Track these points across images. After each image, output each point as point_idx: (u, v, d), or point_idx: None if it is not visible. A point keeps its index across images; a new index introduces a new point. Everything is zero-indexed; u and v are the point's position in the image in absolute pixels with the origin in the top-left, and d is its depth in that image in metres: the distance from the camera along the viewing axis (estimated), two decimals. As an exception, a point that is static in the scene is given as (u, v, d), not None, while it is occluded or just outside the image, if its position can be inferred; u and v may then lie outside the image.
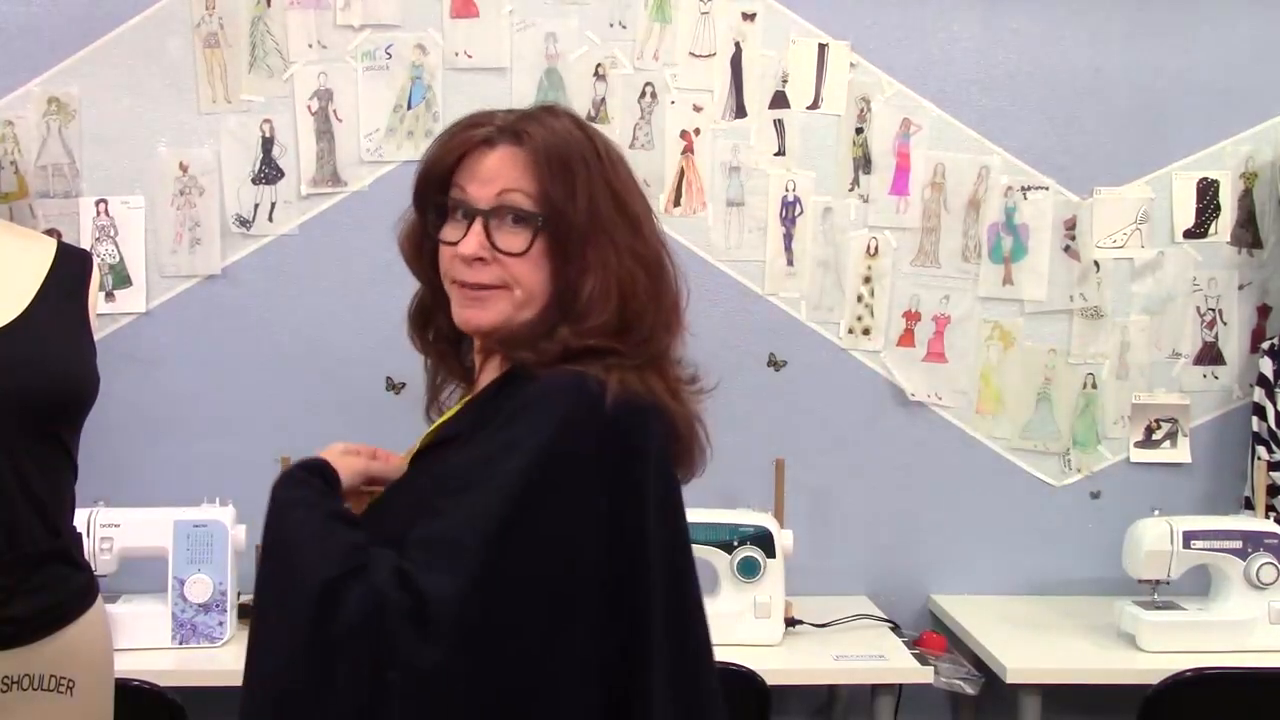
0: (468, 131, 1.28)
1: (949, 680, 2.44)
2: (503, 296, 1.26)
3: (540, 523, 1.14)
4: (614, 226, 1.26)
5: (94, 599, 1.73)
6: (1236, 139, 2.85)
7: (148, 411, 2.68)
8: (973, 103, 2.80)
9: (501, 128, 1.27)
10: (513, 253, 1.24)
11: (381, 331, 2.72)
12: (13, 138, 2.63)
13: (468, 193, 1.27)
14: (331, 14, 2.67)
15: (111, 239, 2.66)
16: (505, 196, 1.25)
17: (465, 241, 1.25)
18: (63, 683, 1.65)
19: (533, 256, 1.24)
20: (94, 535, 2.32)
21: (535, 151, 1.25)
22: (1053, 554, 2.87)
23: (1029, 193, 2.82)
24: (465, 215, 1.27)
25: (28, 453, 1.61)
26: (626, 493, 1.18)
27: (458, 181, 1.29)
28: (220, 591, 2.38)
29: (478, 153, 1.27)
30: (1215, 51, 2.82)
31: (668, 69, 2.73)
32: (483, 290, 1.26)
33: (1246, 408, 2.84)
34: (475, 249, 1.25)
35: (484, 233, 1.25)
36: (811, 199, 2.79)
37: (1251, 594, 2.50)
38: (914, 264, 2.81)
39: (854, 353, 2.82)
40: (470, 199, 1.26)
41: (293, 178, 2.70)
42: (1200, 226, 2.86)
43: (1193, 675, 2.20)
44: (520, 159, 1.25)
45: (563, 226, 1.24)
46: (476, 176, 1.27)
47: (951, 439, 2.84)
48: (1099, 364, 2.86)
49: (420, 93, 2.70)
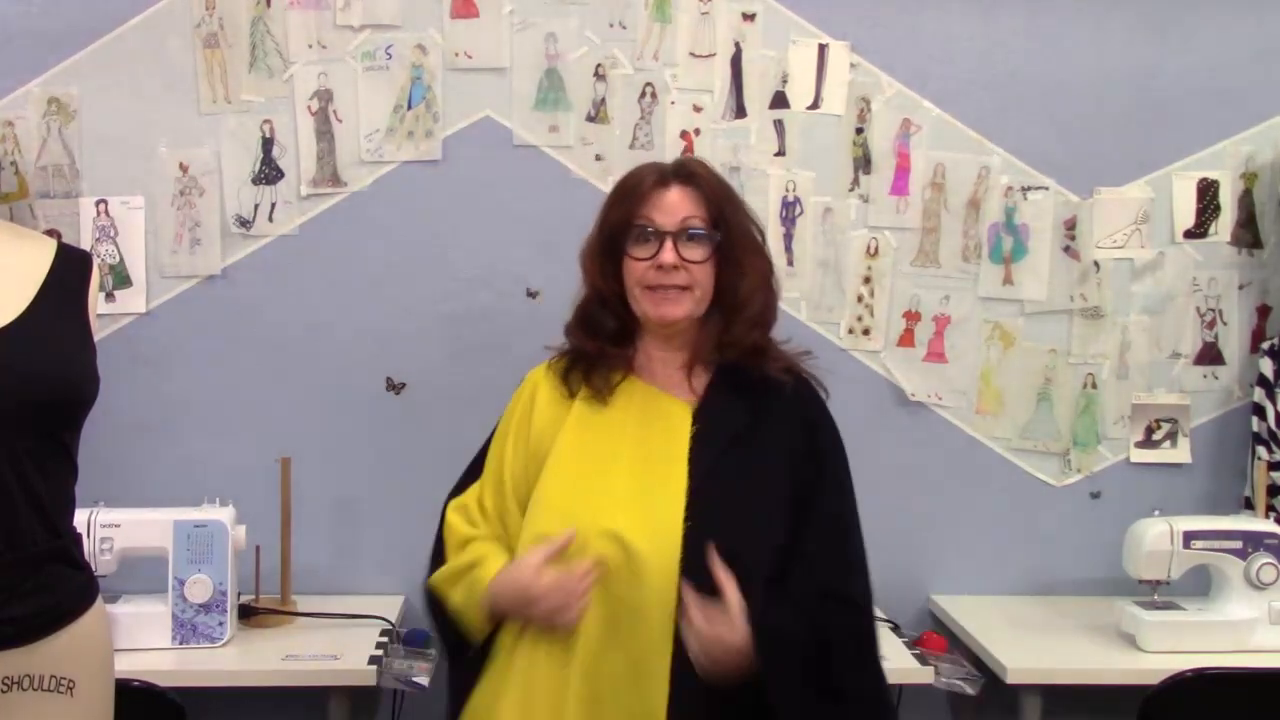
0: (643, 173, 1.77)
1: (949, 680, 2.44)
2: (688, 296, 1.72)
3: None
4: (754, 244, 1.77)
5: (94, 599, 1.73)
6: (1236, 139, 2.85)
7: (148, 411, 2.68)
8: (973, 103, 2.80)
9: (674, 172, 1.75)
10: (696, 261, 1.71)
11: (381, 331, 2.73)
12: (13, 138, 2.64)
13: (654, 220, 1.71)
14: (331, 14, 2.67)
15: (111, 239, 2.66)
16: (688, 221, 1.72)
17: (664, 253, 1.70)
18: (63, 683, 1.65)
19: (708, 265, 1.72)
20: (94, 535, 2.32)
21: (704, 189, 1.74)
22: (1053, 554, 2.87)
23: (1029, 193, 2.82)
24: (655, 236, 1.71)
25: (28, 453, 1.61)
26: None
27: (643, 213, 1.72)
28: (220, 592, 2.38)
29: (656, 191, 1.73)
30: (1215, 51, 2.82)
31: (668, 69, 2.74)
32: (675, 291, 1.71)
33: (1246, 408, 2.84)
34: (672, 258, 1.69)
35: (674, 248, 1.70)
36: (811, 199, 2.79)
37: (1251, 594, 2.51)
38: (914, 264, 2.82)
39: (854, 353, 2.82)
40: (659, 224, 1.71)
41: (293, 178, 2.70)
42: (1200, 226, 2.86)
43: (1193, 675, 2.20)
44: (693, 194, 1.74)
45: (726, 243, 1.73)
46: (660, 208, 1.72)
47: (951, 439, 2.84)
48: (1099, 364, 2.86)
49: (420, 93, 2.70)
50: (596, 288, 1.78)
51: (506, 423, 1.83)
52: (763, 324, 1.76)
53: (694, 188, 1.74)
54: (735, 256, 1.73)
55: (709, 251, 1.72)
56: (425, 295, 2.73)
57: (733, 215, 1.75)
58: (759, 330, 1.75)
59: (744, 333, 1.73)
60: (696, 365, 1.76)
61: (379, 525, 2.73)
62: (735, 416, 1.71)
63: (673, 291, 1.70)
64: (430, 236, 2.72)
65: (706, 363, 1.76)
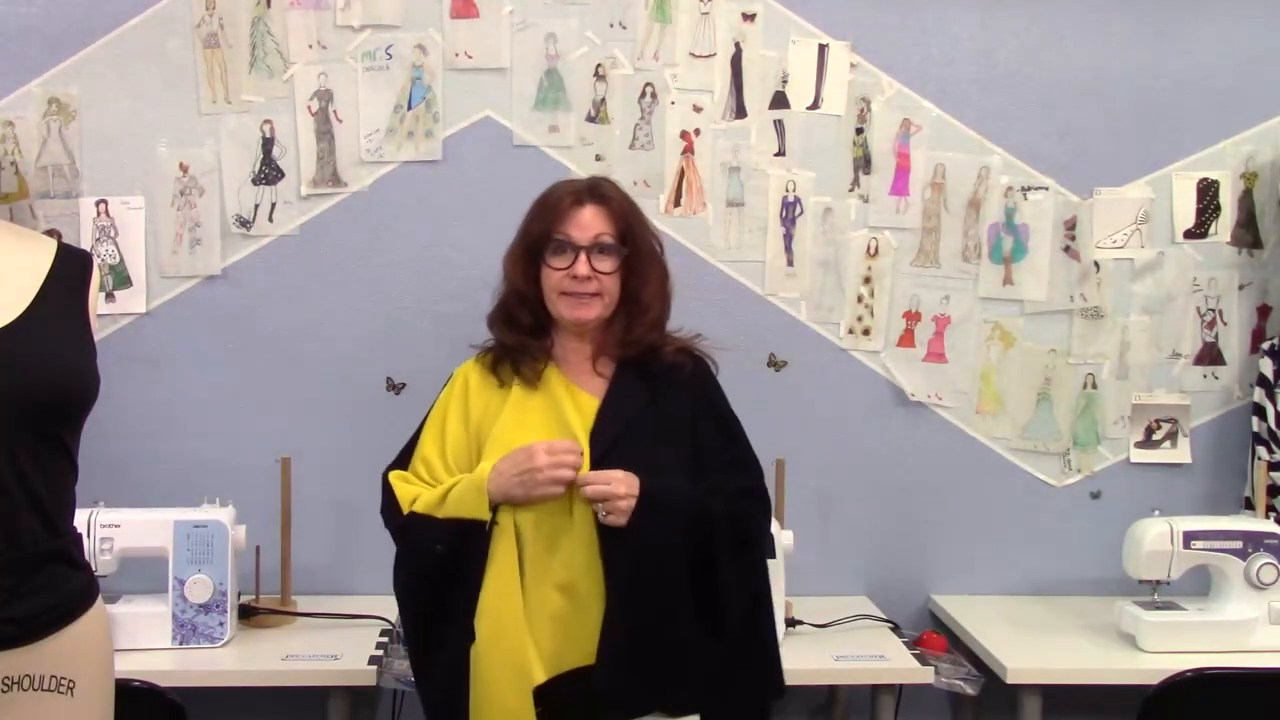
0: (561, 193, 2.04)
1: (949, 680, 2.44)
2: (598, 301, 2.01)
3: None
4: (654, 256, 2.07)
5: (94, 599, 1.73)
6: (1236, 139, 2.85)
7: (148, 411, 2.68)
8: (973, 103, 2.80)
9: (589, 191, 2.03)
10: (605, 272, 2.00)
11: (381, 331, 2.73)
12: (13, 138, 2.64)
13: (571, 235, 1.99)
14: (331, 14, 2.67)
15: (112, 239, 2.66)
16: (600, 237, 2.00)
17: (578, 265, 1.97)
18: (63, 683, 1.65)
19: (615, 275, 2.01)
20: (94, 535, 2.32)
21: (614, 208, 2.02)
22: (1053, 554, 2.87)
23: (1029, 193, 2.82)
24: (571, 249, 1.98)
25: (28, 453, 1.61)
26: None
27: (561, 228, 1.99)
28: (220, 592, 2.38)
29: (573, 209, 2.01)
30: (1215, 52, 2.83)
31: (668, 69, 2.74)
32: (587, 297, 2.00)
33: (1246, 408, 2.85)
34: (586, 270, 1.97)
35: (588, 260, 1.98)
36: (811, 199, 2.79)
37: (1251, 594, 2.51)
38: (914, 264, 2.82)
39: (854, 353, 2.82)
40: (574, 239, 1.99)
41: (293, 178, 2.70)
42: (1200, 227, 2.86)
43: (1193, 675, 2.20)
44: (604, 213, 2.01)
45: (632, 255, 2.02)
46: (576, 224, 2.00)
47: (951, 439, 2.84)
48: (1099, 364, 2.86)
49: (420, 93, 2.70)
50: (517, 288, 2.06)
51: (443, 407, 2.09)
52: (659, 325, 2.07)
53: (605, 207, 2.02)
54: (639, 267, 2.03)
55: (616, 263, 2.01)
56: (425, 295, 2.73)
57: (639, 231, 2.04)
58: (656, 331, 2.06)
59: (643, 333, 2.04)
60: (601, 356, 2.05)
61: (379, 525, 2.72)
62: (633, 399, 2.00)
63: (585, 297, 2.00)
64: (430, 236, 2.72)
65: (611, 354, 2.05)
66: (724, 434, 2.06)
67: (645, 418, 1.99)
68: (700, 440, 2.01)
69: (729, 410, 2.10)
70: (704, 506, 1.92)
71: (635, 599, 1.85)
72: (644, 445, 1.95)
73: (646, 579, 1.86)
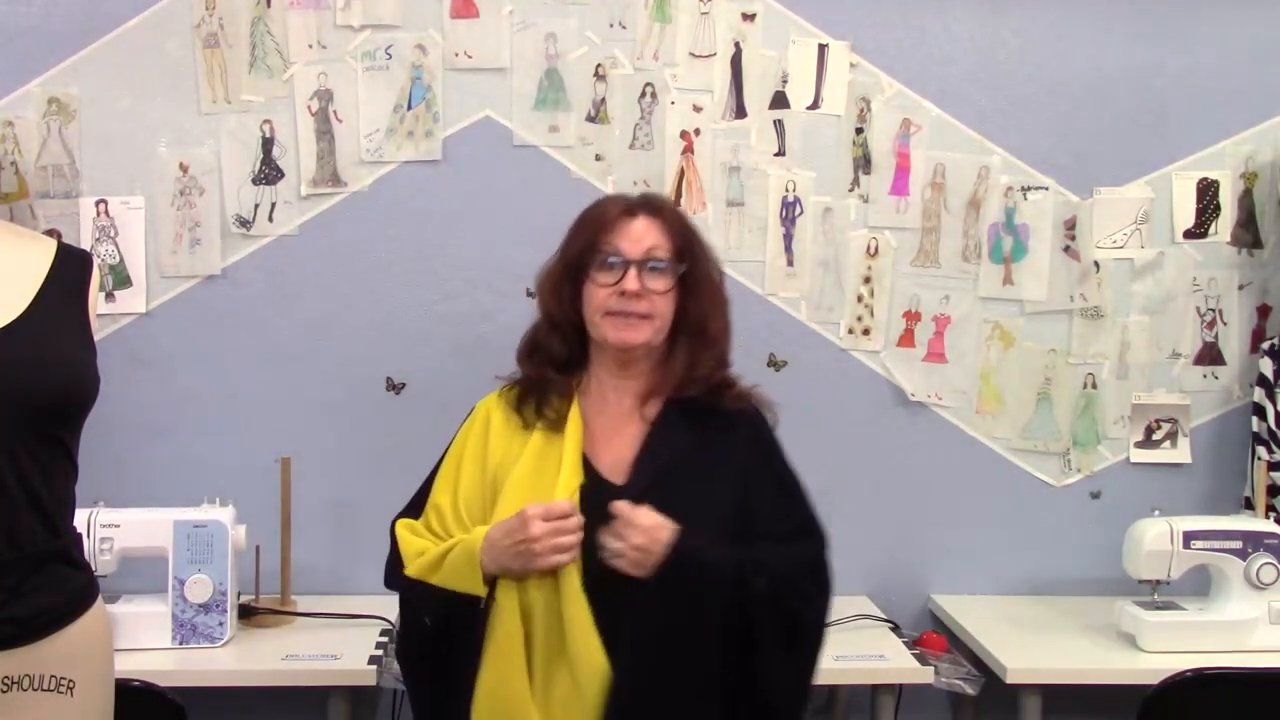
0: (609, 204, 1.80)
1: (949, 680, 2.44)
2: (648, 324, 1.74)
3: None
4: (717, 282, 1.81)
5: (94, 599, 1.73)
6: (1236, 139, 2.85)
7: (148, 411, 2.68)
8: (973, 103, 2.80)
9: (641, 203, 1.78)
10: (658, 291, 1.73)
11: (381, 331, 2.73)
12: (13, 138, 2.63)
13: (620, 248, 1.73)
14: (331, 14, 2.67)
15: (111, 239, 2.66)
16: (652, 251, 1.74)
17: (628, 279, 1.71)
18: (63, 683, 1.65)
19: (669, 296, 1.75)
20: (94, 535, 2.32)
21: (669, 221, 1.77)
22: (1053, 554, 2.87)
23: (1029, 193, 2.82)
24: (620, 264, 1.72)
25: (28, 453, 1.61)
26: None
27: (608, 241, 1.74)
28: (220, 592, 2.38)
29: (622, 220, 1.75)
30: (1215, 51, 2.83)
31: (668, 69, 2.74)
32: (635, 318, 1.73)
33: (1246, 408, 2.85)
34: (635, 285, 1.71)
35: (638, 276, 1.71)
36: (811, 199, 2.79)
37: (1251, 594, 2.51)
38: (914, 264, 2.82)
39: (854, 353, 2.82)
40: (624, 252, 1.73)
41: (293, 178, 2.70)
42: (1200, 227, 2.86)
43: (1193, 675, 2.20)
44: (659, 226, 1.76)
45: (691, 277, 1.77)
46: (626, 236, 1.74)
47: (951, 439, 2.84)
48: (1099, 364, 2.86)
49: (420, 93, 2.70)
50: (550, 314, 1.82)
51: (460, 447, 1.84)
52: (726, 362, 1.82)
53: (660, 219, 1.77)
54: (700, 291, 1.78)
55: (671, 283, 1.75)
56: (425, 295, 2.73)
57: (699, 251, 1.79)
58: (723, 369, 1.81)
59: (711, 370, 1.78)
60: (652, 398, 1.78)
61: (379, 525, 2.70)
62: (679, 445, 1.74)
63: (634, 319, 1.73)
64: (430, 236, 2.72)
65: (663, 395, 1.78)
66: (782, 494, 1.79)
67: (691, 462, 1.73)
68: (753, 501, 1.75)
69: (788, 466, 1.82)
70: (743, 578, 1.65)
71: (647, 677, 1.61)
72: (684, 493, 1.68)
73: (665, 654, 1.61)
